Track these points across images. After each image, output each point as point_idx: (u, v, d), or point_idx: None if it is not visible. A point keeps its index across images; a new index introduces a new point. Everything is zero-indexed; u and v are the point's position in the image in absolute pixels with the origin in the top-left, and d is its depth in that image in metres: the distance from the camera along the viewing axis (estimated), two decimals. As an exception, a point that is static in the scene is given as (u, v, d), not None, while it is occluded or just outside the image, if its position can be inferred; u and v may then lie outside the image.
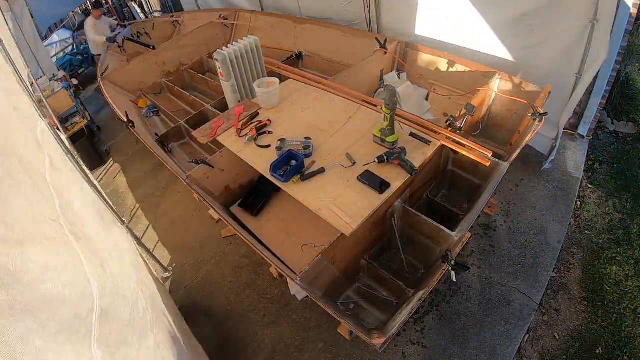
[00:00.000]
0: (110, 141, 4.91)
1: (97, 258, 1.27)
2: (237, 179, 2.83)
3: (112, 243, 1.69)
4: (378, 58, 3.48)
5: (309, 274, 1.99)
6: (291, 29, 4.29)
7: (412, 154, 2.26)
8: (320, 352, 2.44)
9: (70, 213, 1.29)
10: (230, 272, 3.02)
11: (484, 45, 3.21)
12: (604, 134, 3.56)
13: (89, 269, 1.13)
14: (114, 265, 1.42)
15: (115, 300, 1.26)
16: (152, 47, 4.53)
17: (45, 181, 1.23)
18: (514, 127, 2.93)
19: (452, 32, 3.37)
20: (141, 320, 1.42)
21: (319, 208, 2.06)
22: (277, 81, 2.88)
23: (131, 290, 1.48)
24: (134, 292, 1.50)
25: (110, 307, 1.18)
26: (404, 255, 2.48)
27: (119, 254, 1.63)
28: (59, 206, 1.18)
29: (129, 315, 1.31)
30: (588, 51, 2.68)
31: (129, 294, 1.42)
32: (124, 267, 1.59)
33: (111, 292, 1.24)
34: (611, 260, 2.65)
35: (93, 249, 1.29)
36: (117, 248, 1.73)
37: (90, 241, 1.33)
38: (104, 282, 1.19)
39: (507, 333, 2.36)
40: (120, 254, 1.66)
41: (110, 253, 1.52)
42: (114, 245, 1.71)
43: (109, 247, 1.58)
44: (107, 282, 1.23)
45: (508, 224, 2.91)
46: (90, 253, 1.22)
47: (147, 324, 1.46)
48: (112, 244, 1.69)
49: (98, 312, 1.05)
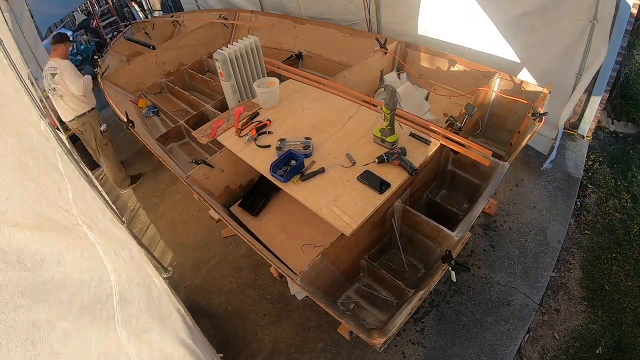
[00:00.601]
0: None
1: (111, 247, 1.27)
2: (237, 179, 2.83)
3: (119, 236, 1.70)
4: (378, 58, 3.48)
5: (309, 274, 1.99)
6: (291, 29, 4.29)
7: (412, 154, 2.26)
8: (320, 352, 2.44)
9: (83, 204, 1.29)
10: (230, 272, 3.02)
11: (484, 45, 3.21)
12: (604, 134, 3.56)
13: (104, 256, 1.13)
14: (125, 254, 1.43)
15: (131, 287, 1.26)
16: (152, 47, 4.54)
17: (59, 171, 1.22)
18: (514, 127, 2.93)
19: (452, 32, 3.37)
20: (158, 307, 1.43)
21: (319, 208, 2.06)
22: (277, 81, 2.87)
23: (144, 278, 1.49)
24: (147, 280, 1.50)
25: (127, 293, 1.18)
26: (404, 255, 2.48)
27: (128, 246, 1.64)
28: (72, 198, 1.18)
29: (145, 301, 1.32)
30: (588, 51, 2.68)
31: (142, 282, 1.43)
32: (134, 257, 1.60)
33: (127, 279, 1.25)
34: (611, 260, 2.65)
35: (106, 238, 1.29)
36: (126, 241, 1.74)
37: (102, 231, 1.33)
38: (119, 269, 1.20)
39: (507, 333, 2.36)
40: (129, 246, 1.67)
41: (121, 244, 1.53)
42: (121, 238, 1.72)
43: (119, 239, 1.59)
44: (121, 270, 1.23)
45: (508, 224, 2.91)
46: (104, 241, 1.22)
47: (163, 310, 1.47)
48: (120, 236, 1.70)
49: (117, 297, 1.06)
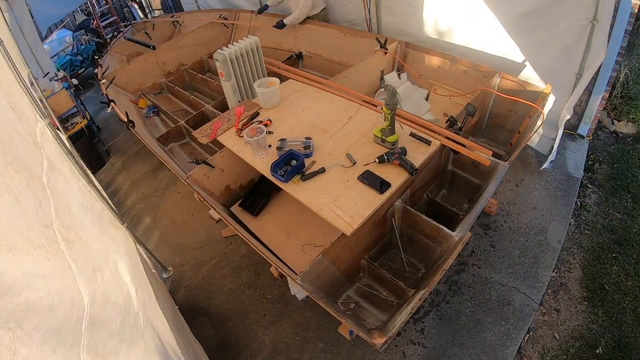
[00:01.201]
0: (110, 141, 4.92)
1: (89, 265, 1.24)
2: (237, 179, 2.83)
3: (109, 245, 1.67)
4: (378, 58, 3.48)
5: (309, 273, 1.99)
6: (291, 29, 4.29)
7: (412, 154, 2.26)
8: (321, 352, 2.44)
9: (67, 216, 1.26)
10: (230, 272, 3.02)
11: (484, 45, 3.21)
12: (604, 134, 3.56)
13: (79, 278, 1.10)
14: (107, 271, 1.40)
15: (105, 308, 1.23)
16: (152, 47, 4.54)
17: (42, 183, 1.19)
18: (514, 127, 2.94)
19: (452, 31, 3.37)
20: (132, 327, 1.40)
21: (320, 208, 2.06)
22: (278, 81, 2.87)
23: (124, 296, 1.45)
24: (126, 299, 1.47)
25: (100, 315, 1.16)
26: (404, 255, 2.48)
27: (114, 258, 1.61)
28: (54, 210, 1.15)
29: (120, 322, 1.29)
30: (588, 51, 2.68)
31: (121, 301, 1.40)
32: (119, 271, 1.57)
33: (102, 299, 1.22)
34: (611, 260, 2.65)
35: (86, 256, 1.26)
36: (116, 250, 1.71)
37: (85, 246, 1.31)
38: (94, 290, 1.17)
39: (507, 333, 2.36)
40: (116, 258, 1.64)
41: (106, 258, 1.49)
42: (111, 247, 1.70)
43: (105, 251, 1.57)
44: (97, 291, 1.21)
45: (508, 224, 2.91)
46: (83, 260, 1.19)
47: (138, 331, 1.44)
48: (109, 246, 1.68)
49: (88, 321, 1.04)
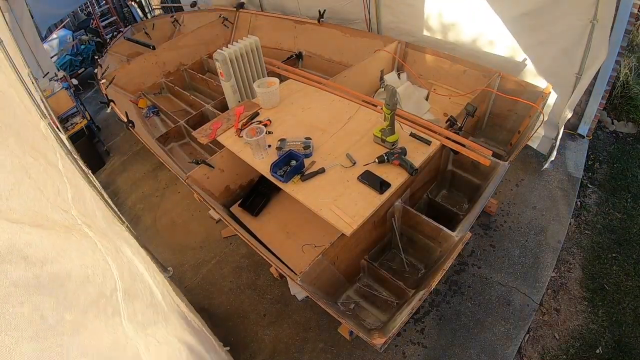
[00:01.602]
0: (110, 141, 4.92)
1: (112, 245, 1.26)
2: (237, 179, 2.83)
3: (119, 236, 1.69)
4: (378, 58, 3.48)
5: (309, 274, 1.98)
6: (291, 29, 4.29)
7: (412, 154, 2.26)
8: (321, 352, 2.44)
9: (82, 205, 1.27)
10: (230, 272, 3.02)
11: (484, 45, 3.21)
12: (604, 134, 3.56)
13: (106, 254, 1.12)
14: (127, 253, 1.42)
15: (135, 283, 1.25)
16: (152, 47, 4.53)
17: (59, 170, 1.20)
18: (514, 127, 2.93)
19: (452, 31, 3.37)
20: (161, 304, 1.42)
21: (319, 208, 2.06)
22: (277, 81, 2.87)
23: (146, 275, 1.48)
24: (149, 277, 1.49)
25: (131, 289, 1.17)
26: (404, 255, 2.48)
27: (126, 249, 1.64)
28: (71, 197, 1.16)
29: (149, 297, 1.31)
30: (588, 51, 2.68)
31: (145, 279, 1.42)
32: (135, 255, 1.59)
33: (129, 275, 1.23)
34: (611, 260, 2.65)
35: (107, 237, 1.28)
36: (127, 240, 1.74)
37: (102, 231, 1.32)
38: (121, 267, 1.19)
39: (507, 333, 2.36)
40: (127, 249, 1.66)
41: (122, 243, 1.52)
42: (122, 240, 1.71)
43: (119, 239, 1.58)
44: (124, 266, 1.23)
45: (508, 224, 2.91)
46: (106, 240, 1.21)
47: (165, 307, 1.46)
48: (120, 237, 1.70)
49: (122, 293, 1.05)
